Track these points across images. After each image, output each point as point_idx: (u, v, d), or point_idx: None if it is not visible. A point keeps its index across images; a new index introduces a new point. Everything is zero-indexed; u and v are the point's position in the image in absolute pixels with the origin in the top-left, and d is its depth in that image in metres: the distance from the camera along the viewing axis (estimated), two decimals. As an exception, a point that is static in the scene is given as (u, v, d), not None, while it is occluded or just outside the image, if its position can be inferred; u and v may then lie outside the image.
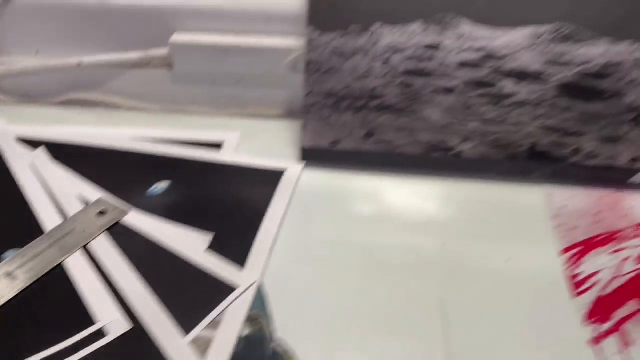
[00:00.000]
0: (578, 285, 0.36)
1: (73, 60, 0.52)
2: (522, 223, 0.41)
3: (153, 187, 0.44)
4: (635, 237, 0.39)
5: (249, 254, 0.37)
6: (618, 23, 0.42)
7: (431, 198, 0.44)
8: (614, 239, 0.39)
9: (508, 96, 0.44)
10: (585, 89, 0.43)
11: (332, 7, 0.45)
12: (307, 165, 0.46)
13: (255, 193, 0.43)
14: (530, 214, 0.42)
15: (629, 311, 0.34)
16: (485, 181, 0.44)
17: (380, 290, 0.36)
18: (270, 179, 0.44)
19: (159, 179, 0.44)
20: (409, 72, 0.45)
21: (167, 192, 0.43)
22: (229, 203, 0.42)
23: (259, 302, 0.35)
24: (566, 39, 0.43)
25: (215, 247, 0.38)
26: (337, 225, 0.41)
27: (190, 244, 0.38)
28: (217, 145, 0.48)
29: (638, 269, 0.37)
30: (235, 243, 0.38)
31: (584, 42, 0.43)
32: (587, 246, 0.39)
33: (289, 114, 0.52)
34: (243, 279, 0.35)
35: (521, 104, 0.44)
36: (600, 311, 0.34)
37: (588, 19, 0.42)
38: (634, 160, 0.43)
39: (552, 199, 0.43)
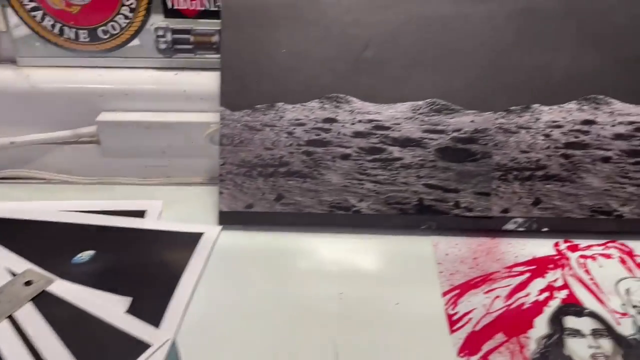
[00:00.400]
0: (454, 323, 0.42)
1: (6, 139, 0.56)
2: (412, 270, 0.47)
3: (78, 256, 0.47)
4: (505, 278, 0.46)
5: (165, 313, 0.41)
6: (480, 98, 0.50)
7: (334, 252, 0.49)
8: (488, 281, 0.46)
9: (395, 160, 0.51)
10: (459, 151, 0.50)
11: (240, 90, 0.51)
12: (224, 228, 0.51)
13: (174, 256, 0.47)
14: (419, 262, 0.48)
15: (495, 343, 0.40)
16: (381, 234, 0.50)
17: (284, 339, 0.41)
18: (189, 242, 0.49)
19: (85, 248, 0.48)
20: (311, 142, 0.51)
21: (91, 260, 0.47)
22: (149, 267, 0.46)
23: (173, 357, 0.39)
24: (439, 111, 0.50)
25: (134, 309, 0.42)
26: (249, 281, 0.46)
27: (110, 308, 0.42)
28: (140, 213, 0.52)
29: (505, 306, 0.43)
30: (152, 304, 0.42)
31: (454, 113, 0.50)
32: (464, 288, 0.45)
33: (211, 180, 0.57)
34: (157, 337, 0.39)
35: (407, 166, 0.50)
36: (470, 345, 0.40)
37: (455, 95, 0.50)
38: (504, 210, 0.50)
39: (438, 248, 0.49)
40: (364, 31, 0.51)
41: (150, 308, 0.42)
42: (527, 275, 0.46)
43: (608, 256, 0.48)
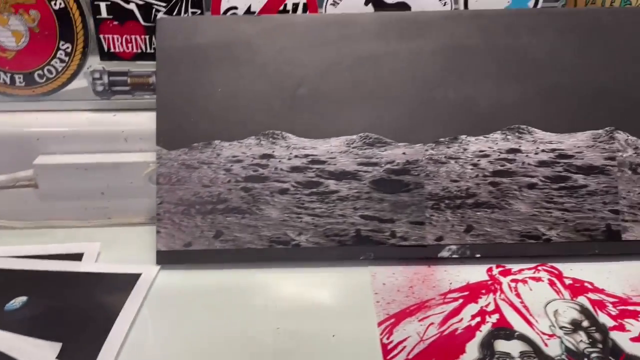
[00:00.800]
0: (389, 352, 0.42)
1: (-62, 185, 0.55)
2: (350, 301, 0.48)
3: (11, 303, 0.46)
4: (440, 304, 0.47)
5: (97, 357, 0.40)
6: (410, 131, 0.52)
7: (274, 286, 0.49)
8: (423, 308, 0.46)
9: (332, 193, 0.52)
10: (393, 183, 0.52)
11: (177, 129, 0.52)
12: (163, 268, 0.51)
13: (109, 299, 0.47)
14: (357, 293, 0.48)
15: (428, 370, 0.41)
16: (321, 267, 0.51)
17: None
18: (126, 283, 0.48)
19: (18, 294, 0.47)
20: (249, 178, 0.52)
21: (24, 306, 0.46)
22: (83, 311, 0.45)
23: (102, 402, 0.38)
24: (372, 144, 0.52)
25: (65, 355, 0.41)
26: (186, 320, 0.45)
27: (39, 354, 0.41)
28: (78, 256, 0.51)
29: (439, 333, 0.44)
30: (84, 349, 0.41)
31: (386, 146, 0.52)
32: (399, 317, 0.45)
33: (152, 220, 0.57)
34: (86, 382, 0.38)
35: (344, 198, 0.52)
36: (404, 373, 0.40)
37: (387, 129, 0.52)
38: (438, 239, 0.51)
39: (376, 278, 0.50)
40: (297, 69, 0.53)
41: (82, 353, 0.41)
42: (461, 301, 0.47)
43: (538, 279, 0.50)
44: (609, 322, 0.44)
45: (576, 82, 0.53)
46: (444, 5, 0.56)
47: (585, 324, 0.45)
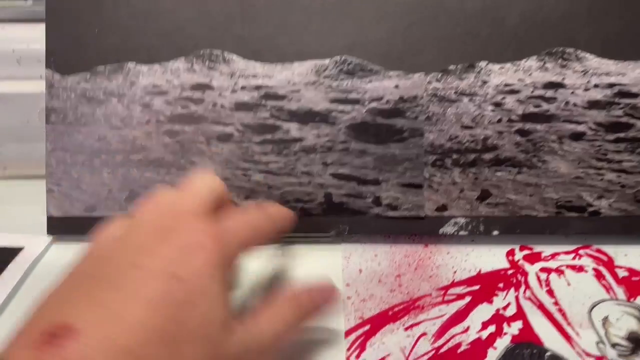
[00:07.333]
0: (358, 378, 0.29)
1: None
2: (311, 295, 0.34)
3: None
4: (437, 304, 0.33)
5: None
6: (407, 53, 0.36)
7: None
8: (412, 310, 0.33)
9: (294, 142, 0.37)
10: (379, 128, 0.37)
11: (74, 45, 0.37)
12: (56, 239, 0.37)
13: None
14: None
15: (414, 409, 0.27)
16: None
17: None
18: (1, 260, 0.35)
19: None
20: (176, 118, 0.37)
21: None
22: None
23: None
24: (352, 73, 0.37)
25: None
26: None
27: None
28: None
29: (433, 350, 0.30)
30: None
31: (372, 76, 0.37)
32: (377, 322, 0.31)
33: (59, 172, 0.43)
34: None
35: (310, 150, 0.37)
36: (376, 415, 0.27)
37: (373, 50, 0.36)
38: (441, 208, 0.37)
39: (349, 261, 0.36)
40: (246, -38, 0.37)
41: None
42: (468, 299, 0.33)
43: (580, 269, 0.35)
44: (685, 338, 0.30)
45: (653, -15, 0.36)
46: None
47: (650, 340, 0.31)
